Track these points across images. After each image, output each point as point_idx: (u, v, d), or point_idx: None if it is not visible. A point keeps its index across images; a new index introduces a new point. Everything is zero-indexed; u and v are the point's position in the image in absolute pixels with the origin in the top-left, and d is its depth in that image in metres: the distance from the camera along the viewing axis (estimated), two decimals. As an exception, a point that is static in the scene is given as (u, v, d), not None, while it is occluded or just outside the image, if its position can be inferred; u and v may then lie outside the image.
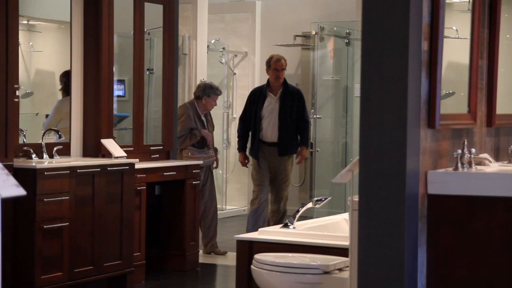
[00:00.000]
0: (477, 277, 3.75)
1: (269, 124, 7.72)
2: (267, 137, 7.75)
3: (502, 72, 4.57)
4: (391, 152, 3.66)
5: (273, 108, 7.72)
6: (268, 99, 7.75)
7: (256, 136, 7.76)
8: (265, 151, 7.76)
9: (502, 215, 3.71)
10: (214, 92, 7.81)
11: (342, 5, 10.23)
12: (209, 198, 7.86)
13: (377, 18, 3.69)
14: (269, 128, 7.72)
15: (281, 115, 7.70)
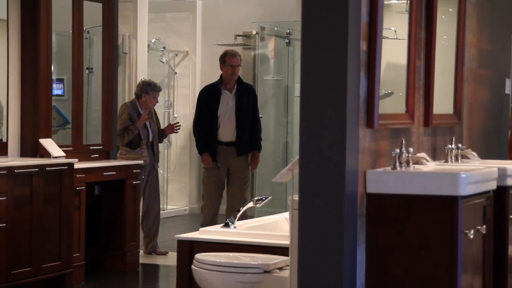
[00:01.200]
0: (415, 275, 3.80)
1: (227, 123, 7.34)
2: (225, 137, 7.34)
3: (439, 73, 4.64)
4: (330, 152, 3.69)
5: (230, 106, 7.36)
6: (224, 96, 7.38)
7: (212, 137, 7.34)
8: (222, 152, 7.35)
9: (439, 213, 3.76)
10: (152, 89, 7.71)
11: (283, 5, 10.27)
12: (152, 197, 7.80)
13: (316, 18, 3.71)
14: (227, 127, 7.34)
15: (238, 113, 7.34)
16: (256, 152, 7.49)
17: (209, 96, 7.41)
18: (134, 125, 7.55)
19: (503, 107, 5.87)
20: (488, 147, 5.55)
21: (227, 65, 7.40)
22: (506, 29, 5.94)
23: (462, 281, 3.75)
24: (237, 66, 7.43)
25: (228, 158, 7.36)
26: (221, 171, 7.38)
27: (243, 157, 7.41)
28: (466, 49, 5.04)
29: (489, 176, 4.11)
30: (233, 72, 7.40)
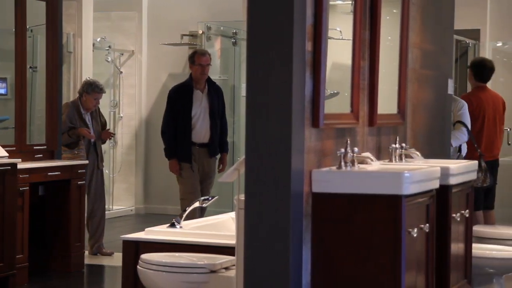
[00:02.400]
0: (360, 273, 3.84)
1: (201, 123, 7.18)
2: (199, 138, 7.18)
3: (384, 73, 4.69)
4: (276, 151, 3.71)
5: (203, 106, 7.19)
6: (195, 96, 7.20)
7: (186, 138, 7.16)
8: (196, 153, 7.19)
9: (383, 212, 3.80)
10: (93, 89, 7.61)
11: (229, 5, 10.27)
12: (97, 198, 7.74)
13: (262, 19, 3.72)
14: (201, 128, 7.17)
15: (212, 114, 7.19)
16: (224, 155, 7.40)
17: (181, 96, 7.22)
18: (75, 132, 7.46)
19: (446, 107, 5.95)
20: (431, 146, 5.62)
21: (196, 64, 7.23)
22: (448, 30, 6.03)
23: (405, 279, 3.79)
24: (207, 65, 7.23)
25: (202, 160, 7.22)
26: (195, 173, 7.22)
27: (213, 159, 7.31)
28: (410, 50, 5.11)
29: (432, 175, 4.17)
30: (203, 71, 7.22)
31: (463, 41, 9.20)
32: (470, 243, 4.96)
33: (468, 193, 4.93)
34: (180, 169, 7.21)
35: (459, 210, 4.71)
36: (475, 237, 5.44)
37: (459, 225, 4.74)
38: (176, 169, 7.23)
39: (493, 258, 5.25)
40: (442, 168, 4.38)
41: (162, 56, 10.88)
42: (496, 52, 9.68)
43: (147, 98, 11.02)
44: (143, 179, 10.99)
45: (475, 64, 7.33)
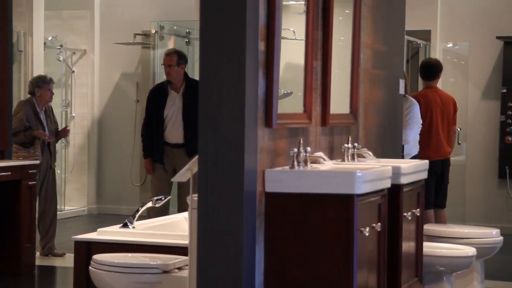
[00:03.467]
0: (313, 273, 3.86)
1: (173, 124, 7.08)
2: (172, 138, 7.10)
3: (336, 73, 4.72)
4: (229, 151, 3.71)
5: (177, 106, 7.08)
6: (170, 97, 7.11)
7: (159, 138, 7.09)
8: (170, 153, 7.12)
9: (336, 211, 3.83)
10: (43, 81, 7.56)
11: (182, 4, 10.24)
12: (49, 198, 7.66)
13: (214, 18, 3.72)
14: (173, 128, 7.08)
15: (185, 113, 7.06)
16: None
17: (156, 97, 7.16)
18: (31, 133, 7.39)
19: (397, 107, 6.01)
20: (383, 146, 5.67)
21: (161, 64, 7.16)
22: (400, 31, 6.09)
23: (357, 278, 3.82)
24: (169, 66, 7.09)
25: (176, 160, 7.09)
26: (167, 173, 7.12)
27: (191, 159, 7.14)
28: (362, 50, 5.14)
29: (383, 174, 4.20)
30: (167, 72, 7.12)
31: (414, 41, 9.30)
32: (421, 241, 5.01)
33: (419, 192, 4.98)
34: (153, 169, 7.19)
35: (410, 209, 4.76)
36: (426, 236, 5.51)
37: (410, 224, 4.79)
38: (148, 168, 7.22)
39: (444, 257, 5.32)
40: (394, 168, 4.42)
41: (115, 55, 10.81)
42: (447, 53, 9.81)
43: (100, 97, 10.94)
44: (95, 179, 10.92)
45: (421, 64, 7.47)
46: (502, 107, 9.59)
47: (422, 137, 7.13)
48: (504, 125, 9.55)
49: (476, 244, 5.64)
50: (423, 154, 6.96)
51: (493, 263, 7.03)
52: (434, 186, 7.20)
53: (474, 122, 9.64)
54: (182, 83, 7.15)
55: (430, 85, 7.39)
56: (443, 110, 7.30)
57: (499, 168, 9.61)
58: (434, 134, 7.20)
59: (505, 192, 9.58)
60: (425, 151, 7.09)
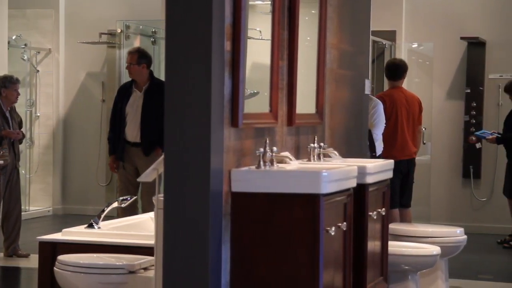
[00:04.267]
0: (278, 273, 3.86)
1: (131, 122, 7.12)
2: (131, 137, 7.13)
3: (303, 73, 4.73)
4: (195, 151, 3.70)
5: (137, 105, 7.11)
6: (134, 96, 7.14)
7: (120, 136, 7.15)
8: (130, 152, 7.15)
9: (302, 211, 3.84)
10: (10, 81, 7.51)
11: (148, 4, 10.20)
12: (13, 198, 7.59)
13: (180, 18, 3.71)
14: (131, 126, 7.12)
15: (144, 113, 7.08)
16: (158, 149, 7.17)
17: (120, 95, 7.24)
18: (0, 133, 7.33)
19: (363, 107, 6.05)
20: (349, 146, 5.70)
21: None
22: (365, 31, 6.13)
23: (323, 277, 3.84)
24: (129, 64, 7.14)
25: (135, 159, 7.13)
26: (127, 171, 7.15)
27: (153, 158, 7.02)
28: (328, 50, 5.16)
29: (349, 174, 4.22)
30: (128, 70, 7.18)
31: (380, 42, 9.36)
32: (386, 241, 5.04)
33: (384, 191, 5.01)
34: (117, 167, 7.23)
35: (376, 209, 4.79)
36: (391, 235, 5.54)
37: (376, 223, 4.82)
38: (111, 165, 7.28)
39: (409, 256, 5.36)
40: (359, 167, 4.44)
41: (80, 54, 10.74)
42: (412, 53, 9.88)
43: (65, 97, 10.86)
44: (61, 179, 10.84)
45: (387, 64, 7.52)
46: (466, 107, 9.69)
47: (388, 137, 7.18)
48: (468, 125, 9.64)
49: (440, 243, 5.69)
50: (388, 154, 7.00)
51: (457, 261, 7.10)
52: (399, 185, 7.25)
53: (439, 122, 9.72)
54: (145, 83, 7.16)
55: (395, 85, 7.44)
56: (409, 110, 7.36)
57: (463, 167, 9.71)
58: (399, 134, 7.26)
59: (469, 191, 9.67)
60: (391, 151, 7.14)
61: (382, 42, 9.38)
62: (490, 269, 7.55)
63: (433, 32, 9.70)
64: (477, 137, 9.23)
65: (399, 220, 7.25)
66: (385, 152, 7.10)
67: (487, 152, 9.60)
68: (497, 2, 9.57)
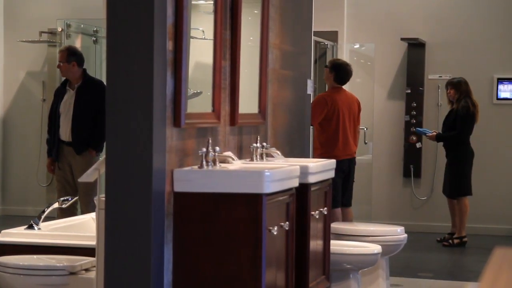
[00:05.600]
0: (221, 272, 3.87)
1: (64, 121, 7.03)
2: (64, 136, 7.05)
3: (246, 73, 4.74)
4: (137, 151, 3.68)
5: (69, 104, 7.03)
6: (67, 94, 7.07)
7: (55, 136, 7.08)
8: (64, 151, 7.06)
9: (244, 211, 3.84)
10: None
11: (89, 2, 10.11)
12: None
13: (121, 17, 3.69)
14: (64, 125, 7.03)
15: (76, 112, 6.99)
16: (91, 150, 7.11)
17: (57, 95, 7.20)
18: None
19: (305, 107, 6.08)
20: (291, 146, 5.73)
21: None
22: (307, 32, 6.16)
23: (266, 276, 3.85)
24: (60, 62, 7.11)
25: (69, 158, 7.07)
26: (63, 171, 7.09)
27: (86, 156, 7.06)
28: (270, 50, 5.18)
29: (291, 174, 4.25)
30: (60, 69, 7.17)
31: (322, 42, 9.42)
32: (328, 240, 5.08)
33: (326, 191, 5.05)
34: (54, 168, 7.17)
35: (318, 208, 4.82)
36: (333, 234, 5.59)
37: (318, 222, 4.85)
38: (48, 166, 7.23)
39: (350, 254, 5.41)
40: (302, 167, 4.47)
41: (20, 53, 10.59)
42: (353, 53, 9.97)
43: (4, 96, 10.69)
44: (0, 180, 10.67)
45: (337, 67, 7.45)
46: (406, 107, 9.81)
47: (330, 137, 7.23)
48: (409, 125, 9.77)
49: (381, 241, 5.76)
50: (331, 154, 7.06)
51: (398, 260, 7.19)
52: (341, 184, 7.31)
53: (380, 122, 9.83)
54: (78, 81, 7.13)
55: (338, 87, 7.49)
56: (350, 110, 7.42)
57: (404, 167, 9.83)
58: (341, 134, 7.31)
59: (410, 190, 9.80)
60: (333, 150, 7.20)
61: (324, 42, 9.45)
62: (430, 267, 7.66)
63: (374, 33, 9.81)
64: (417, 134, 9.36)
65: (341, 219, 7.31)
66: (328, 152, 7.15)
67: (427, 151, 9.74)
68: (436, 4, 9.72)
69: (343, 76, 7.43)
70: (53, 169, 7.19)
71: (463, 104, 8.60)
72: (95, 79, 7.44)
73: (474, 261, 7.90)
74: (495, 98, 9.53)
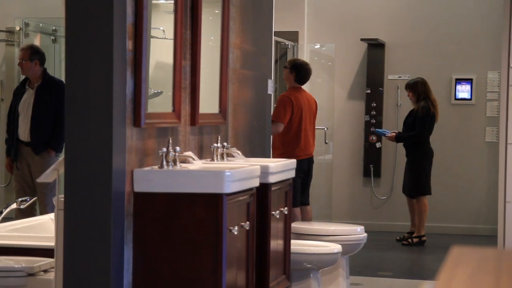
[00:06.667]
0: (182, 272, 3.86)
1: (23, 121, 6.92)
2: (22, 136, 6.94)
3: (206, 73, 4.73)
4: (96, 151, 3.66)
5: (28, 103, 6.91)
6: (26, 93, 6.96)
7: (14, 136, 6.97)
8: (23, 151, 6.97)
9: (205, 211, 3.84)
10: None
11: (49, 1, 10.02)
12: None
13: (80, 16, 3.66)
14: (23, 125, 6.92)
15: (35, 111, 6.89)
16: (50, 150, 7.01)
17: (16, 94, 7.09)
18: None
19: (266, 107, 6.09)
20: (252, 145, 5.73)
21: None
22: (268, 32, 6.17)
23: (226, 276, 3.85)
24: (22, 60, 7.03)
25: (27, 158, 6.96)
26: (22, 171, 6.99)
27: (45, 157, 6.96)
28: (231, 50, 5.18)
29: (252, 173, 4.25)
30: (21, 67, 7.08)
31: (283, 42, 9.45)
32: (288, 239, 5.10)
33: (286, 190, 5.06)
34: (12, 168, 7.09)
35: (278, 208, 4.83)
36: (293, 234, 5.61)
37: (279, 222, 4.87)
38: (6, 166, 7.14)
39: (310, 254, 5.43)
40: (262, 167, 4.48)
41: (-23, 52, 10.46)
42: (314, 54, 10.01)
43: (-39, 96, 10.56)
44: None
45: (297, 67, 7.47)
46: (366, 107, 9.88)
47: (293, 137, 7.25)
48: (369, 125, 9.83)
49: (341, 241, 5.79)
50: (292, 153, 7.09)
51: (358, 259, 7.23)
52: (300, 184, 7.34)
53: (340, 122, 9.88)
54: (38, 80, 7.03)
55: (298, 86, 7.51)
56: (309, 110, 7.46)
57: (364, 166, 9.89)
58: (303, 134, 7.35)
59: (369, 190, 9.87)
60: (295, 150, 7.23)
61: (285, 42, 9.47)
62: (389, 266, 7.72)
63: (334, 34, 9.86)
64: (377, 134, 9.42)
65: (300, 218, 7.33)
66: (289, 151, 7.18)
67: (387, 151, 9.81)
68: (396, 5, 9.80)
69: (304, 75, 7.46)
70: (12, 169, 7.11)
71: (423, 105, 8.68)
72: (55, 78, 7.37)
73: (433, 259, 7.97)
74: (453, 98, 9.63)
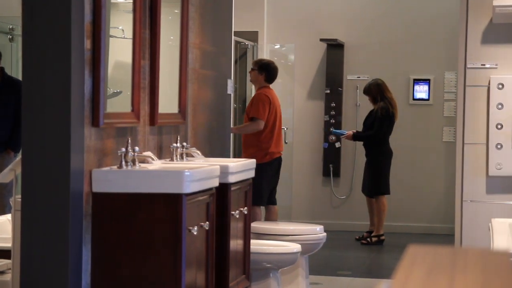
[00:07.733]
0: (141, 273, 3.84)
1: None
2: None
3: (166, 73, 4.72)
4: (54, 151, 3.63)
5: None
6: None
7: None
8: None
9: (164, 211, 3.83)
10: None
11: (6, 0, 9.90)
12: None
13: (37, 15, 3.63)
14: None
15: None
16: (9, 150, 6.89)
17: None
18: None
19: (226, 107, 6.09)
20: (212, 145, 5.73)
21: None
22: (227, 32, 6.17)
23: (186, 277, 3.84)
24: None
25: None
26: None
27: (3, 157, 6.81)
28: (190, 50, 5.17)
29: (212, 173, 4.25)
30: None
31: (242, 42, 9.45)
32: (248, 239, 5.10)
33: (246, 190, 5.07)
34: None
35: (238, 208, 4.83)
36: (253, 233, 5.61)
37: (238, 222, 4.87)
38: None
39: (270, 254, 5.44)
40: (222, 167, 4.47)
41: None
42: (274, 53, 10.03)
43: None
44: None
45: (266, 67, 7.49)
46: (326, 107, 9.92)
47: (268, 134, 7.27)
48: (328, 124, 9.87)
49: (301, 240, 5.80)
50: (267, 151, 7.16)
51: (317, 258, 7.26)
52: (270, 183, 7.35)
53: (300, 121, 9.91)
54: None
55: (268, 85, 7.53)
56: (279, 108, 7.51)
57: (324, 166, 9.93)
58: (277, 132, 7.39)
59: (329, 189, 9.91)
60: (269, 148, 7.26)
61: (244, 42, 9.48)
62: (348, 265, 7.77)
63: (294, 34, 9.89)
64: (335, 135, 9.47)
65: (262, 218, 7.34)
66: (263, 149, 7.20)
67: (346, 151, 9.87)
68: (355, 5, 9.86)
69: (274, 75, 7.53)
70: None
71: (382, 105, 8.74)
72: (14, 78, 7.28)
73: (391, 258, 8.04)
74: (411, 98, 9.71)
